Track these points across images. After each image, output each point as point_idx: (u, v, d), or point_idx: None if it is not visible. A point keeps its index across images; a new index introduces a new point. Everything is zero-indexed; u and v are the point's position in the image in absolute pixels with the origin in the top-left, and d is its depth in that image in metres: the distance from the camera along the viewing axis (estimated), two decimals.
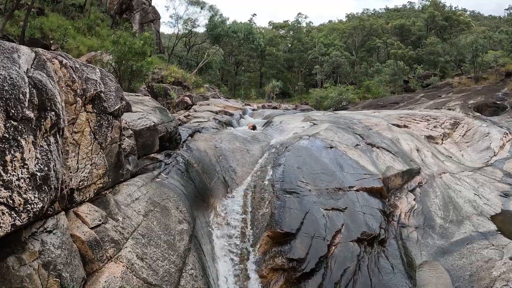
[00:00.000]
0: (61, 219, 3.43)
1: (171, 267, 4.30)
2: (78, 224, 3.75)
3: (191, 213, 5.60)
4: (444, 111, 20.18)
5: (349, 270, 5.79)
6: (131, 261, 3.91)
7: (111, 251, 3.83)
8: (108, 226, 4.03)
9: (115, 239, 3.96)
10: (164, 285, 4.00)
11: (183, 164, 6.75)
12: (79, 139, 4.00)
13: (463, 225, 8.12)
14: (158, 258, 4.25)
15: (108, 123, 4.50)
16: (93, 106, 4.28)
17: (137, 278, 3.79)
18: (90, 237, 3.70)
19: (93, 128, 4.23)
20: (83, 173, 4.04)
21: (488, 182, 10.91)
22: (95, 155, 4.22)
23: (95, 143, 4.24)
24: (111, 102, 4.59)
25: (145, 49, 13.58)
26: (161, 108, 8.07)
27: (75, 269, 3.29)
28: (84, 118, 4.10)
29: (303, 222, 6.17)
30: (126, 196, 4.81)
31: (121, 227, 4.20)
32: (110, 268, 3.68)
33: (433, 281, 6.37)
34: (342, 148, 9.68)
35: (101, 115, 4.39)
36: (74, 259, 3.36)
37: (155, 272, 4.05)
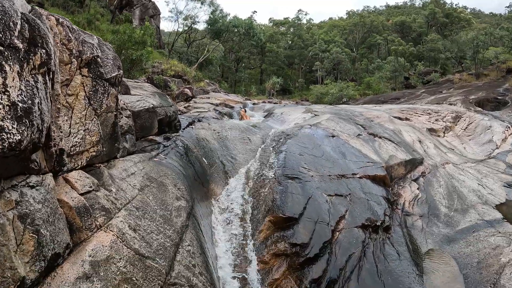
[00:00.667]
0: (47, 179, 3.23)
1: (166, 241, 4.10)
2: (66, 189, 3.55)
3: (190, 193, 5.41)
4: (445, 106, 20.05)
5: (354, 256, 5.62)
6: (123, 230, 3.69)
7: (101, 220, 3.62)
8: (100, 194, 3.82)
9: (106, 207, 3.75)
10: (157, 258, 3.80)
11: (182, 148, 6.58)
12: (72, 102, 3.83)
13: (468, 214, 7.99)
14: (153, 231, 4.06)
15: (104, 90, 4.33)
16: (89, 70, 4.11)
17: (127, 248, 3.57)
18: (78, 203, 3.49)
19: (88, 93, 4.06)
20: (75, 138, 3.87)
21: (491, 173, 10.78)
22: (89, 121, 4.04)
23: (89, 108, 4.07)
24: (108, 69, 4.42)
25: (145, 39, 13.41)
26: (160, 93, 7.92)
27: (58, 231, 3.08)
28: (79, 81, 3.93)
29: (305, 207, 6.00)
30: (121, 171, 4.62)
31: (114, 198, 4.00)
32: (99, 237, 3.46)
33: (440, 268, 6.22)
34: (344, 137, 9.53)
35: (97, 80, 4.21)
36: (58, 221, 3.14)
37: (148, 244, 3.84)
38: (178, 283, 3.78)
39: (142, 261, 3.59)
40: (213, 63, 40.32)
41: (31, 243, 2.74)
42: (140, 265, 3.55)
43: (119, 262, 3.36)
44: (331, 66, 48.19)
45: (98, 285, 3.09)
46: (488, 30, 39.02)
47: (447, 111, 17.15)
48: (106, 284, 3.15)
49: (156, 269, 3.65)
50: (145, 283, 3.45)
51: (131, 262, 3.47)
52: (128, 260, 3.46)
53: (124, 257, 3.45)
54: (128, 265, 3.43)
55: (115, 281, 3.22)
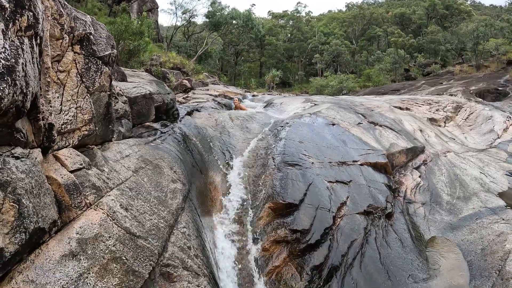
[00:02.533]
0: (35, 152, 3.09)
1: (160, 221, 3.98)
2: (56, 166, 3.41)
3: (187, 178, 5.30)
4: (446, 97, 19.95)
5: (356, 242, 5.52)
6: (113, 209, 3.57)
7: (91, 198, 3.50)
8: (91, 172, 3.69)
9: (97, 185, 3.63)
10: (150, 238, 3.69)
11: (180, 134, 6.45)
12: (64, 79, 3.71)
13: (471, 201, 7.89)
14: (146, 212, 3.93)
15: (97, 68, 4.20)
16: (81, 47, 4.00)
17: (118, 226, 3.45)
18: (68, 180, 3.35)
19: (80, 70, 3.93)
20: (66, 116, 3.73)
21: (493, 162, 10.68)
22: (81, 98, 3.91)
23: (81, 86, 3.94)
24: (101, 47, 4.31)
25: (142, 29, 13.25)
26: (157, 81, 7.78)
27: (43, 205, 2.93)
28: (71, 58, 3.81)
29: (306, 194, 5.89)
30: (115, 153, 4.51)
31: (106, 177, 3.88)
32: (89, 215, 3.34)
33: (443, 255, 6.12)
34: (344, 125, 9.41)
35: (89, 58, 4.09)
36: (45, 196, 2.99)
37: (140, 223, 3.72)
38: (171, 264, 3.67)
39: (133, 240, 3.47)
40: (212, 56, 40.08)
41: (11, 213, 2.58)
42: (131, 244, 3.43)
43: (108, 241, 3.25)
44: (331, 59, 47.97)
45: (85, 264, 2.98)
46: (488, 22, 38.79)
47: (447, 101, 17.03)
48: (94, 263, 3.03)
49: (148, 249, 3.54)
50: (135, 262, 3.32)
51: (121, 241, 3.35)
52: (118, 238, 3.34)
53: (113, 236, 3.33)
54: (118, 244, 3.30)
55: (103, 260, 3.10)
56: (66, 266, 2.88)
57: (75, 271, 2.89)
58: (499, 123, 15.16)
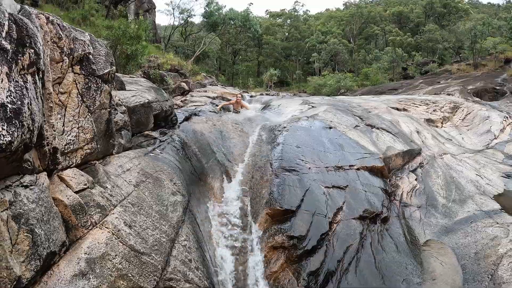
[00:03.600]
0: (41, 177, 3.20)
1: (162, 236, 4.11)
2: (61, 188, 3.52)
3: (186, 188, 5.40)
4: (443, 96, 20.01)
5: (352, 247, 5.62)
6: (118, 227, 3.69)
7: (97, 217, 3.62)
8: (95, 191, 3.80)
9: (101, 204, 3.75)
10: (153, 253, 3.80)
11: (178, 142, 6.54)
12: (65, 100, 3.80)
13: (466, 204, 7.98)
14: (148, 227, 4.06)
15: (97, 87, 4.29)
16: (81, 67, 4.08)
17: (123, 245, 3.58)
18: (73, 201, 3.47)
19: (80, 90, 4.03)
20: (69, 136, 3.83)
21: (489, 164, 10.76)
22: (82, 118, 4.01)
23: (82, 106, 4.03)
24: (100, 65, 4.38)
25: (140, 33, 13.29)
26: (156, 88, 7.85)
27: (53, 230, 3.07)
28: (71, 79, 3.90)
29: (303, 200, 5.99)
30: (116, 167, 4.61)
31: (109, 194, 3.99)
32: (95, 234, 3.46)
33: (438, 259, 6.22)
34: (342, 128, 9.50)
35: (89, 77, 4.18)
36: (54, 220, 3.12)
37: (144, 240, 3.85)
38: (174, 278, 3.80)
39: (137, 257, 3.61)
40: (210, 56, 40.09)
41: (26, 242, 2.75)
42: (136, 261, 3.57)
43: (114, 259, 3.39)
44: (329, 58, 47.94)
45: (94, 282, 3.12)
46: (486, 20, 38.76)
47: (445, 102, 17.10)
48: (102, 281, 3.17)
49: (152, 265, 3.68)
50: (141, 279, 3.46)
51: (126, 259, 3.49)
52: (123, 256, 3.48)
53: (119, 254, 3.47)
54: (124, 262, 3.45)
55: (111, 278, 3.25)
56: (77, 286, 3.05)
57: None
58: (496, 123, 15.22)
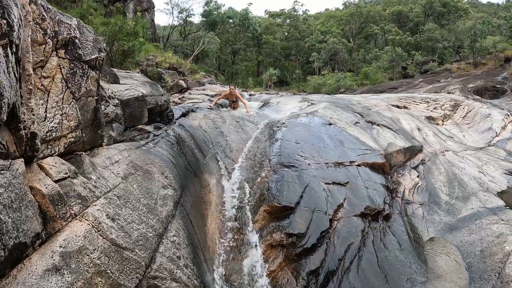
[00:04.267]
0: (16, 163, 2.94)
1: (149, 231, 3.84)
2: (40, 176, 3.28)
3: (179, 182, 5.15)
4: (443, 94, 19.86)
5: (354, 245, 5.42)
6: (99, 219, 3.42)
7: (76, 208, 3.34)
8: (76, 181, 3.53)
9: (83, 195, 3.48)
10: (137, 249, 3.54)
11: (174, 137, 6.31)
12: (48, 85, 3.57)
13: (470, 201, 7.80)
14: (134, 221, 3.77)
15: (83, 72, 4.06)
16: (66, 51, 3.85)
17: (103, 238, 3.32)
18: (52, 191, 3.19)
19: (65, 76, 3.79)
20: (51, 123, 3.59)
21: (492, 161, 10.59)
22: (66, 104, 3.77)
23: (67, 91, 3.80)
24: (87, 51, 4.16)
25: (137, 30, 13.10)
26: (151, 82, 7.64)
27: (25, 219, 2.79)
28: (55, 63, 3.67)
29: (302, 196, 5.78)
30: (104, 159, 4.37)
31: (93, 185, 3.73)
32: (73, 227, 3.19)
33: (442, 257, 6.02)
34: (342, 125, 9.31)
35: (75, 62, 3.94)
36: (26, 209, 2.83)
37: (127, 234, 3.57)
38: (159, 277, 3.56)
39: (119, 252, 3.35)
40: (209, 55, 39.95)
41: None
42: (117, 256, 3.30)
43: (92, 254, 3.14)
44: (328, 57, 47.85)
45: (68, 278, 2.87)
46: (486, 19, 38.69)
47: (445, 99, 16.95)
48: (78, 277, 2.92)
49: (134, 261, 3.42)
50: (121, 276, 3.21)
51: (106, 254, 3.23)
52: (103, 251, 3.23)
53: (98, 248, 3.21)
54: (103, 257, 3.19)
55: (87, 274, 3.00)
56: (49, 281, 2.77)
57: (59, 286, 2.79)
58: (498, 121, 15.08)
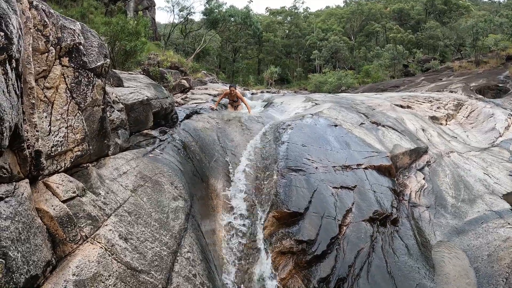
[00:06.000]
0: (21, 186, 2.75)
1: (163, 249, 3.66)
2: (47, 196, 3.08)
3: (188, 191, 5.03)
4: (446, 93, 19.78)
5: (363, 251, 5.36)
6: (112, 241, 3.23)
7: (87, 230, 3.15)
8: (85, 200, 3.35)
9: (93, 215, 3.29)
10: (153, 271, 3.34)
11: (179, 142, 6.22)
12: (52, 96, 3.39)
13: (476, 204, 7.76)
14: (147, 239, 3.59)
15: (88, 81, 3.88)
16: (70, 59, 3.66)
17: (118, 262, 3.12)
18: (60, 212, 3.01)
19: (69, 85, 3.61)
20: (56, 137, 3.39)
21: (496, 162, 10.54)
22: (71, 116, 3.59)
23: (72, 102, 3.62)
24: (93, 58, 3.98)
25: (139, 29, 13.00)
26: (155, 84, 7.57)
27: (34, 249, 2.60)
28: (59, 72, 3.48)
29: (311, 201, 5.72)
30: (112, 170, 4.21)
31: (102, 202, 3.55)
32: (85, 251, 3.00)
33: (450, 262, 5.98)
34: (347, 126, 9.25)
35: (79, 71, 3.75)
36: (35, 237, 2.66)
37: (142, 255, 3.39)
38: None
39: (135, 277, 3.18)
40: (210, 53, 39.78)
41: None
42: (133, 281, 3.14)
43: (108, 280, 2.96)
44: (329, 55, 47.70)
45: None
46: (487, 17, 38.60)
47: (448, 99, 16.88)
48: None
49: (151, 284, 3.24)
50: None
51: (122, 279, 3.07)
52: (118, 276, 3.05)
53: (114, 274, 3.04)
54: (119, 283, 3.02)
55: None
56: None
57: None
58: (501, 120, 15.01)
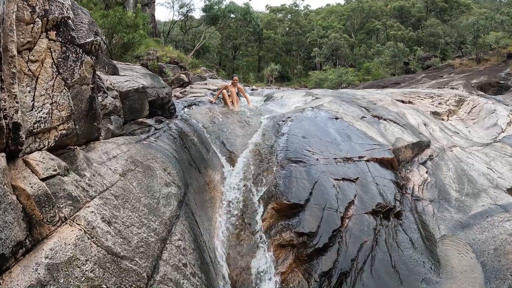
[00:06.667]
0: None
1: (150, 235, 3.43)
2: (26, 174, 2.87)
3: (183, 179, 4.82)
4: (447, 90, 19.62)
5: (366, 244, 5.17)
6: (93, 224, 2.99)
7: (67, 211, 2.90)
8: (67, 179, 3.12)
9: (74, 195, 3.05)
10: (137, 257, 3.09)
11: (176, 131, 6.03)
12: (36, 70, 3.21)
13: (480, 198, 7.59)
14: (133, 224, 3.37)
15: (77, 57, 3.70)
16: (58, 33, 3.49)
17: (97, 246, 2.88)
18: (38, 191, 2.78)
19: (56, 60, 3.43)
20: (39, 113, 3.17)
21: (499, 157, 10.36)
22: (57, 92, 3.39)
23: (58, 78, 3.43)
24: (82, 34, 3.81)
25: (137, 22, 12.79)
26: (152, 74, 7.38)
27: (3, 226, 2.37)
28: (45, 45, 3.31)
29: (312, 193, 5.53)
30: (101, 154, 4.00)
31: (87, 184, 3.30)
32: (62, 233, 2.75)
33: (455, 256, 5.80)
34: (348, 119, 9.06)
35: (67, 46, 3.58)
36: (6, 213, 2.43)
37: (126, 240, 3.14)
38: None
39: (116, 263, 2.93)
40: (210, 50, 39.61)
41: None
42: (114, 267, 2.88)
43: (84, 265, 2.72)
44: (330, 52, 47.47)
45: None
46: (488, 15, 38.43)
47: (450, 95, 16.71)
48: None
49: (134, 272, 3.00)
50: None
51: (101, 264, 2.82)
52: (97, 261, 2.81)
53: (92, 258, 2.80)
54: (97, 269, 2.77)
55: None
56: None
57: None
58: (503, 116, 14.85)
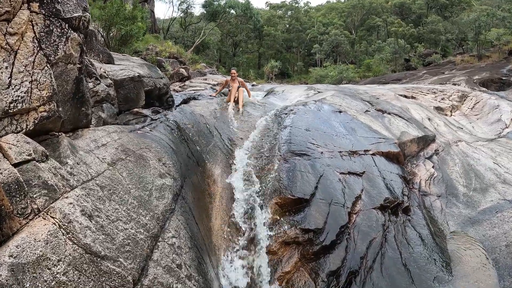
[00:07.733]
0: None
1: (139, 232, 3.03)
2: None
3: (180, 171, 4.50)
4: (450, 85, 19.39)
5: (375, 241, 4.90)
6: (69, 217, 2.56)
7: (41, 202, 2.51)
8: (44, 165, 2.75)
9: (50, 183, 2.65)
10: (122, 258, 2.67)
11: (173, 122, 5.73)
12: (15, 44, 2.89)
13: (489, 193, 7.35)
14: (120, 219, 2.96)
15: (62, 32, 3.36)
16: (41, 5, 3.16)
17: (73, 243, 2.46)
18: (8, 178, 2.41)
19: (38, 34, 3.10)
20: (17, 92, 2.86)
21: (505, 152, 10.12)
22: (38, 69, 3.05)
23: (39, 53, 3.09)
24: (69, 7, 3.47)
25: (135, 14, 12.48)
26: (149, 64, 7.10)
27: None
28: (26, 17, 2.98)
29: (317, 187, 5.26)
30: (89, 141, 3.65)
31: (68, 172, 2.95)
32: (34, 227, 2.36)
33: (466, 253, 5.55)
34: (352, 112, 8.81)
35: (51, 19, 3.24)
36: None
37: (109, 237, 2.72)
38: None
39: (95, 264, 2.51)
40: (210, 47, 39.28)
41: None
42: (92, 269, 2.46)
43: (56, 266, 2.31)
44: (330, 49, 47.20)
45: None
46: (490, 11, 38.14)
47: (452, 90, 16.52)
48: None
49: (117, 276, 2.58)
50: None
51: (76, 266, 2.41)
52: (71, 262, 2.40)
53: (65, 258, 2.38)
54: (71, 271, 2.36)
55: None
56: None
57: None
58: (507, 112, 14.63)
